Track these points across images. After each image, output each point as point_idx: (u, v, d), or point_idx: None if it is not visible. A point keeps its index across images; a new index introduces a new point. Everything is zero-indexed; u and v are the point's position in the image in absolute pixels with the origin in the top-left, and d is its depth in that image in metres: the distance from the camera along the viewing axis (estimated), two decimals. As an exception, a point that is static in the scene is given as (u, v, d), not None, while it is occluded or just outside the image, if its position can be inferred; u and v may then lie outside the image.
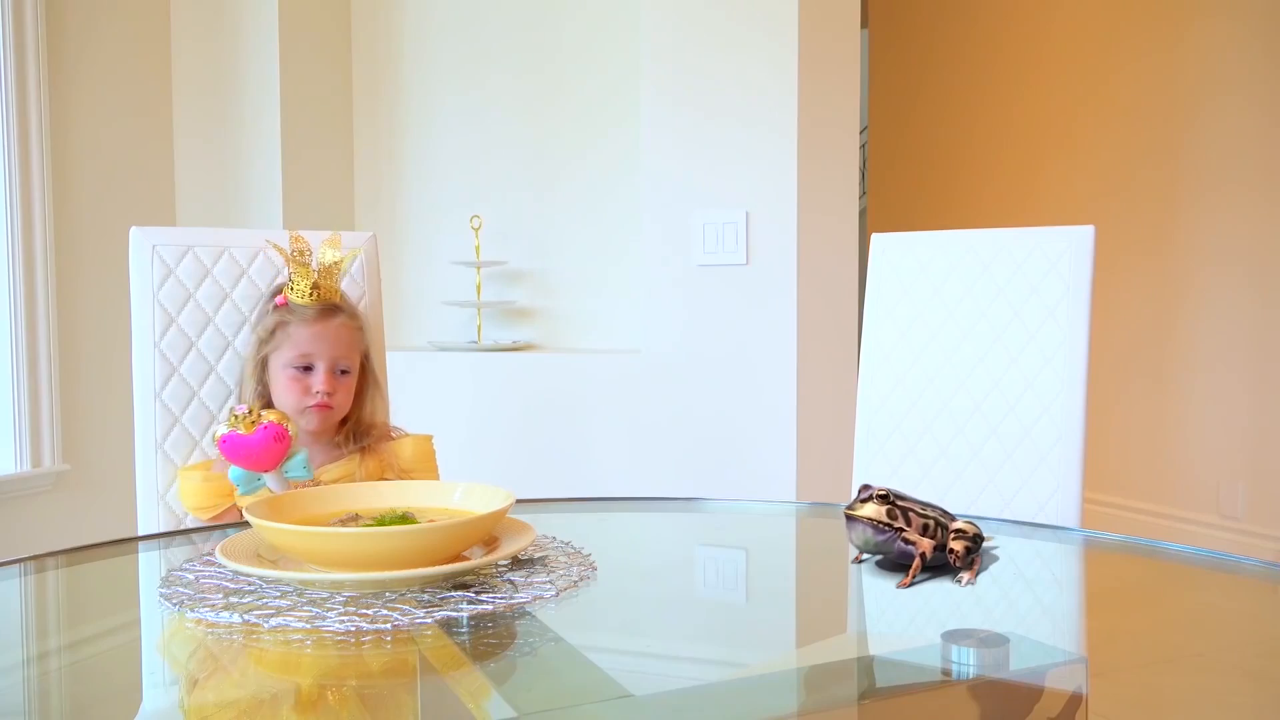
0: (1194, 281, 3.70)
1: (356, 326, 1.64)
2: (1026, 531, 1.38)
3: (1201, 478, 3.71)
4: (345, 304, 1.65)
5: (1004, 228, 1.77)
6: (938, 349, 1.74)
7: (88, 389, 2.66)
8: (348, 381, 1.61)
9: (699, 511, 1.44)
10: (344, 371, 1.60)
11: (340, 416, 1.63)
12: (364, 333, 1.67)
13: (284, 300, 1.59)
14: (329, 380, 1.57)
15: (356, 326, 1.64)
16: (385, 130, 3.04)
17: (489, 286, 2.92)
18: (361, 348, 1.65)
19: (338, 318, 1.60)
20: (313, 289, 1.58)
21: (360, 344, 1.65)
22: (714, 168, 2.55)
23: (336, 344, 1.59)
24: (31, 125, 2.51)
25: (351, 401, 1.62)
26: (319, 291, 1.59)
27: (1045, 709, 0.83)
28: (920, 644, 0.92)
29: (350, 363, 1.62)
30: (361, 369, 1.66)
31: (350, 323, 1.63)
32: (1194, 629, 1.05)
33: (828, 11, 2.53)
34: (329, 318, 1.59)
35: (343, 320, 1.61)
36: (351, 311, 1.65)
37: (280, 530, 1.01)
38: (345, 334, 1.61)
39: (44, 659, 0.97)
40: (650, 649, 0.96)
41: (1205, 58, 3.68)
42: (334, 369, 1.58)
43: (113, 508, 2.58)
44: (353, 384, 1.63)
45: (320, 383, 1.57)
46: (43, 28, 2.54)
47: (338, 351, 1.59)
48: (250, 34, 2.83)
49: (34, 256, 2.52)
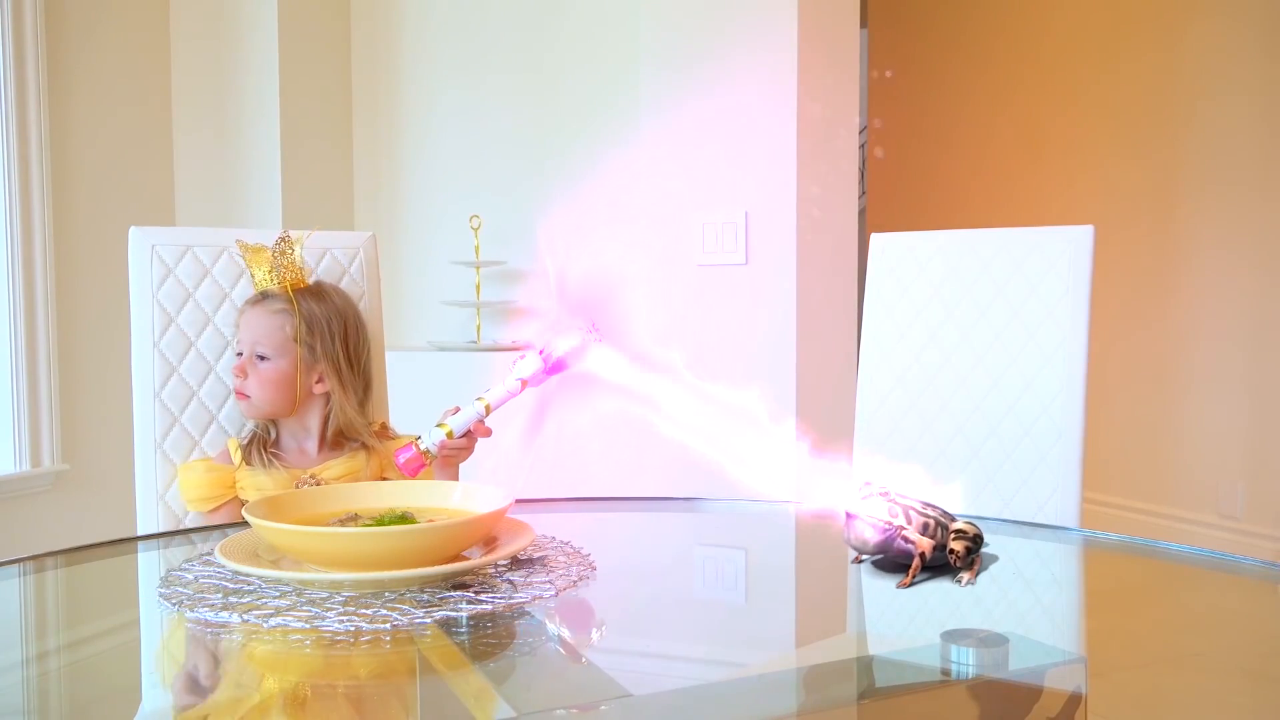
0: (1194, 281, 3.70)
1: (281, 311, 1.57)
2: (1026, 531, 1.38)
3: (1201, 478, 3.71)
4: (290, 295, 1.57)
5: (1003, 227, 1.77)
6: (937, 349, 1.74)
7: (87, 389, 2.66)
8: (266, 370, 1.55)
9: (699, 511, 1.44)
10: (261, 358, 1.55)
11: (264, 409, 1.57)
12: (309, 324, 1.58)
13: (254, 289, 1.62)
14: (239, 365, 1.56)
15: (281, 311, 1.57)
16: (384, 130, 3.04)
17: (488, 286, 2.92)
18: (297, 338, 1.56)
19: (265, 302, 1.57)
20: (267, 275, 1.58)
21: (291, 333, 1.56)
22: (714, 168, 2.55)
23: (254, 328, 1.56)
24: (31, 125, 2.50)
25: (270, 393, 1.56)
26: (270, 280, 1.58)
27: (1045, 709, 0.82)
28: (920, 644, 0.92)
29: (271, 350, 1.55)
30: (338, 368, 1.59)
31: (277, 307, 1.56)
32: (1194, 629, 1.05)
33: (828, 11, 2.53)
34: (258, 302, 1.58)
35: (271, 306, 1.56)
36: (290, 301, 1.57)
37: (280, 530, 1.01)
38: (266, 319, 1.56)
39: (43, 659, 0.97)
40: (650, 649, 0.96)
41: (1204, 58, 3.68)
42: (251, 355, 1.56)
43: (112, 507, 2.57)
44: (276, 375, 1.55)
45: (239, 371, 1.56)
46: (43, 28, 2.54)
47: (255, 335, 1.56)
48: (250, 34, 2.83)
49: (33, 256, 2.52)
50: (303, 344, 1.57)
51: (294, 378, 1.56)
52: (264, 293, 1.59)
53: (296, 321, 1.56)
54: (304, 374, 1.57)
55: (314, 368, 1.58)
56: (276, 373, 1.56)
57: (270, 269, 1.57)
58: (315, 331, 1.58)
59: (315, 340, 1.58)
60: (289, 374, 1.56)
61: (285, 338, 1.56)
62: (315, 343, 1.58)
